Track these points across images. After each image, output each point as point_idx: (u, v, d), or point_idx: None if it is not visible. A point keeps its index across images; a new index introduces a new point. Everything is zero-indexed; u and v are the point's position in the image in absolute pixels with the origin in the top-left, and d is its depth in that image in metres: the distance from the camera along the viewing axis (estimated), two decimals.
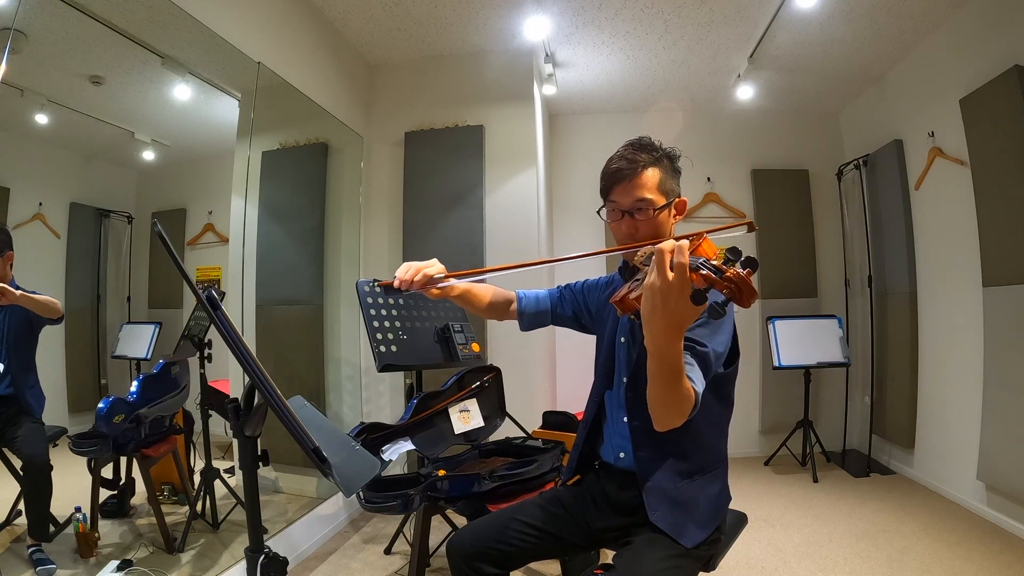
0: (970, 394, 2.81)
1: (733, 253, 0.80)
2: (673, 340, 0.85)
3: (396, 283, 1.20)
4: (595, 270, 4.03)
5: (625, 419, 1.27)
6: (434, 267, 1.22)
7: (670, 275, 0.80)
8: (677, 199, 1.24)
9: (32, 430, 1.74)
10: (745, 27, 3.00)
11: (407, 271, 1.20)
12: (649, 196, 1.19)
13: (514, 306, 1.48)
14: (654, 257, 0.83)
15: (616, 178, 1.21)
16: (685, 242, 0.83)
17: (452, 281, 1.23)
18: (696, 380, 0.97)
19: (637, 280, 1.07)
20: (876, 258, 3.67)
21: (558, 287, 1.53)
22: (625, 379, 1.28)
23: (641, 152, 1.21)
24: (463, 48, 3.23)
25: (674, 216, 1.24)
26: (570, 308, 1.49)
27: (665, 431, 1.19)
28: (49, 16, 1.66)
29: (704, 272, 0.80)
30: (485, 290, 1.45)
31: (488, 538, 1.26)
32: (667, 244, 0.82)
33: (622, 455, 1.28)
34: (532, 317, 1.48)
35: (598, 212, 1.28)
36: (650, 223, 1.19)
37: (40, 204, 1.89)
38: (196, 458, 2.48)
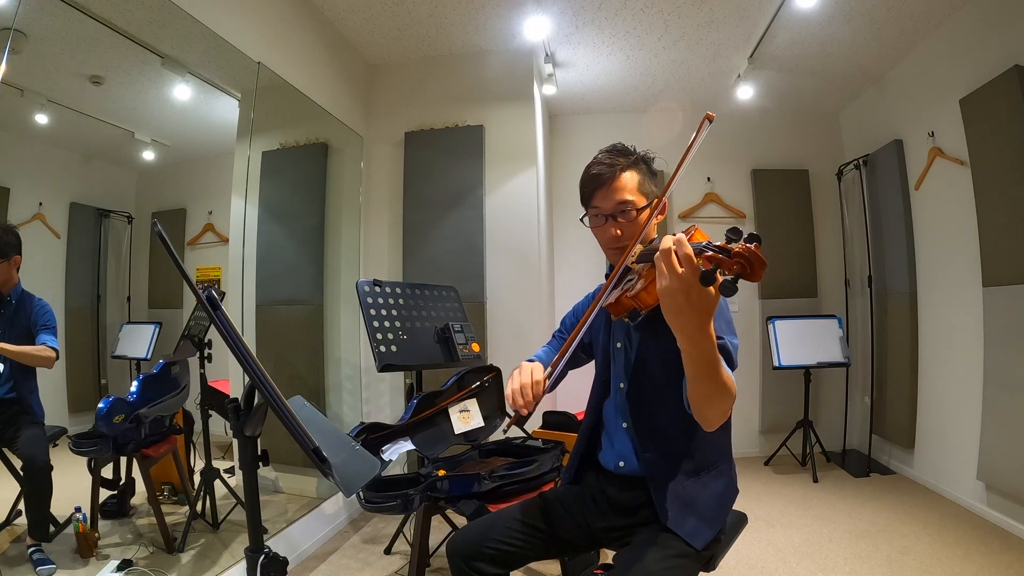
0: (970, 394, 2.81)
1: (734, 232, 0.80)
2: (707, 332, 0.86)
3: (524, 411, 1.15)
4: (593, 281, 4.03)
5: (625, 425, 1.27)
6: (537, 371, 1.17)
7: (680, 269, 0.80)
8: (656, 200, 1.25)
9: (32, 430, 1.74)
10: (745, 27, 3.00)
11: (519, 396, 1.15)
12: (630, 197, 1.21)
13: None
14: (658, 259, 0.83)
15: (596, 183, 1.23)
16: (680, 234, 0.83)
17: (558, 369, 1.19)
18: (729, 373, 0.99)
19: (630, 280, 1.07)
20: (876, 258, 3.67)
21: (554, 335, 1.55)
22: (622, 385, 1.28)
23: (618, 156, 1.23)
24: (463, 48, 3.23)
25: (656, 216, 1.25)
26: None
27: (670, 435, 1.20)
28: (49, 16, 1.66)
29: (710, 254, 0.80)
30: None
31: (488, 538, 1.26)
32: (666, 241, 0.82)
33: (622, 464, 1.28)
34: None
35: (581, 220, 1.30)
36: (633, 225, 1.21)
37: (40, 204, 1.89)
38: (196, 458, 2.47)
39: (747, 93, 3.59)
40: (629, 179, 1.22)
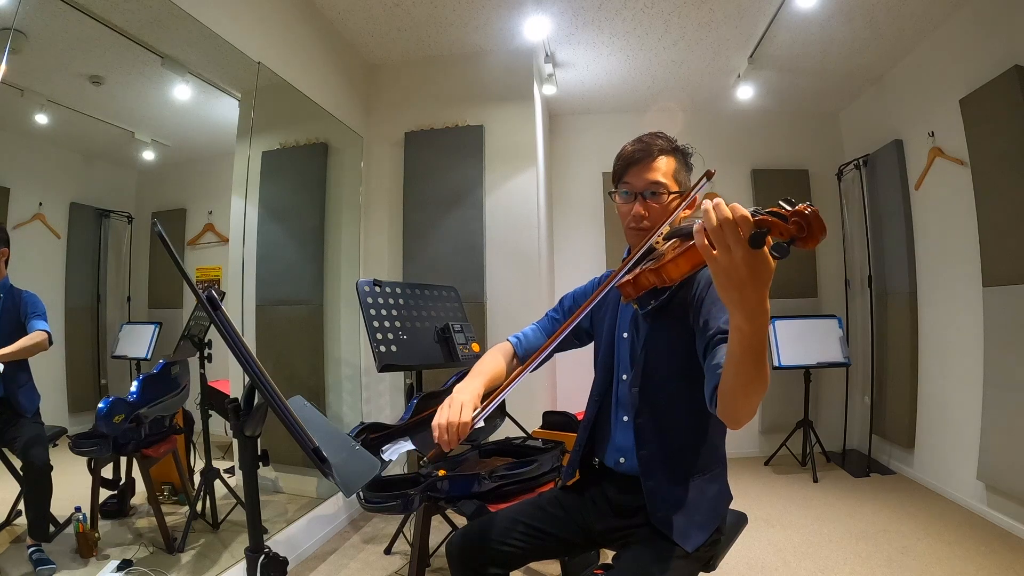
0: (970, 394, 2.81)
1: (788, 202, 0.75)
2: (766, 305, 0.79)
3: (446, 448, 1.11)
4: (594, 271, 4.02)
5: (626, 418, 1.26)
6: (467, 410, 1.13)
7: (744, 239, 0.74)
8: (689, 190, 1.24)
9: (32, 430, 1.74)
10: (745, 27, 3.00)
11: (443, 433, 1.10)
12: (663, 180, 1.20)
13: (515, 360, 1.44)
14: (719, 229, 0.75)
15: (631, 160, 1.23)
16: (734, 205, 0.76)
17: (488, 409, 1.15)
18: None
19: (652, 258, 1.04)
20: (876, 258, 3.67)
21: (547, 315, 1.49)
22: (626, 376, 1.27)
23: (657, 139, 1.24)
24: (463, 48, 3.23)
25: (683, 209, 1.24)
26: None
27: (671, 433, 1.19)
28: (49, 16, 1.66)
29: (760, 218, 0.74)
30: (498, 369, 1.37)
31: (488, 538, 1.26)
32: (721, 210, 0.76)
33: (622, 460, 1.27)
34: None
35: (610, 194, 1.29)
36: (662, 208, 1.20)
37: (40, 204, 1.89)
38: (196, 458, 2.47)
39: (747, 93, 3.59)
40: (665, 163, 1.21)
